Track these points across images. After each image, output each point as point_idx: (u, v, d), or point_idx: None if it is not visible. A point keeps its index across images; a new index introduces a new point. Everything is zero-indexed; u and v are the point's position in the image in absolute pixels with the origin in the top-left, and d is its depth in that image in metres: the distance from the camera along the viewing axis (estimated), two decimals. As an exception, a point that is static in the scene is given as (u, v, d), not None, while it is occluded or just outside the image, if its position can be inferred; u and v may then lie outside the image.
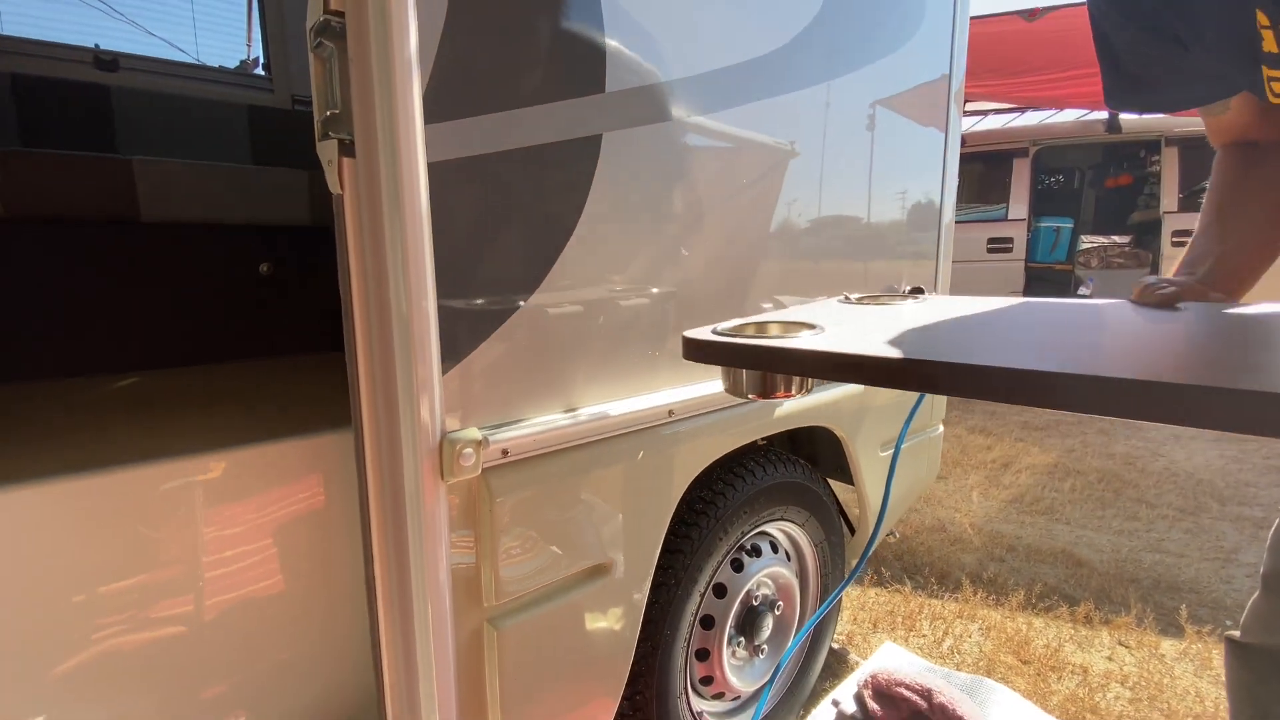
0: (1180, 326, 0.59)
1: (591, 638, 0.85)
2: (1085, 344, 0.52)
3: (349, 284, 0.65)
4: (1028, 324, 0.63)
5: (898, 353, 0.49)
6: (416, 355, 0.64)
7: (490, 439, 0.70)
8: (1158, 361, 0.47)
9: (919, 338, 0.58)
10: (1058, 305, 0.71)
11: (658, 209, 0.87)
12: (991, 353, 0.48)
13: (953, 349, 0.52)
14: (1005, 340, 0.56)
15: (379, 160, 0.61)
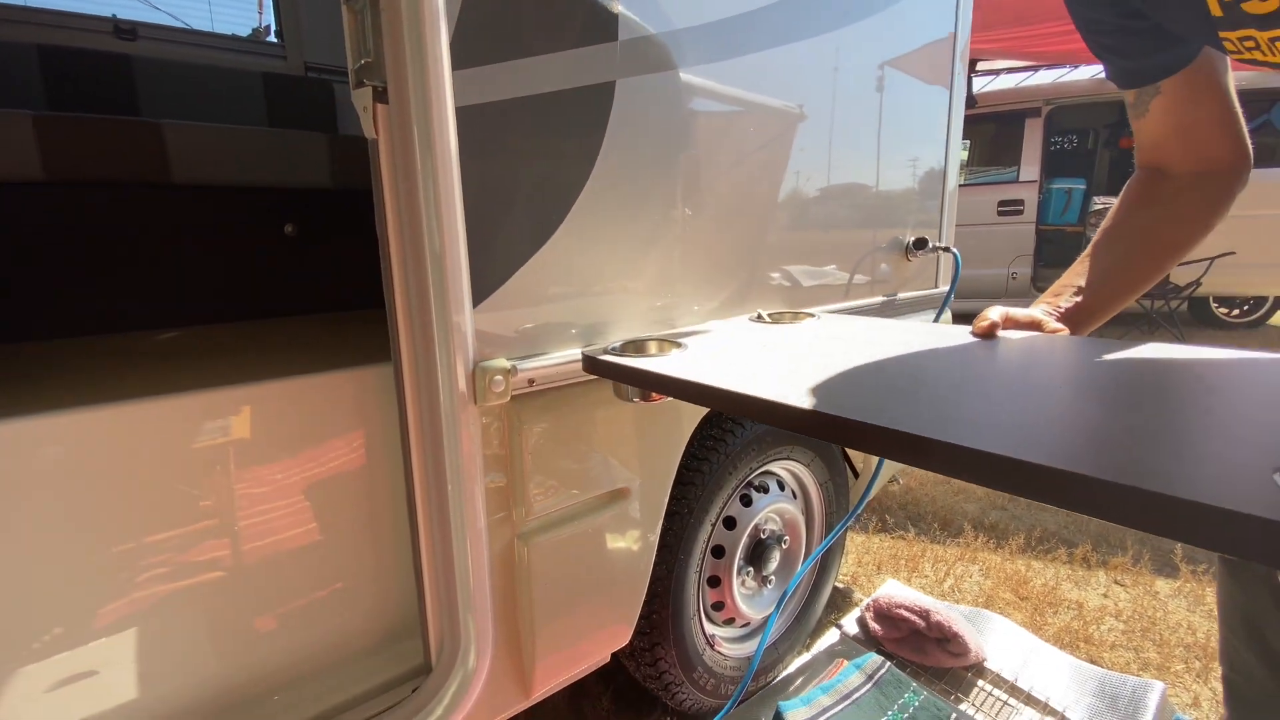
0: (962, 362, 0.63)
1: (612, 557, 0.92)
2: (883, 380, 0.57)
3: (385, 224, 0.70)
4: (855, 354, 0.67)
5: (706, 379, 0.60)
6: (449, 290, 0.69)
7: (518, 368, 0.75)
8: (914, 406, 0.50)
9: (749, 367, 0.64)
10: (904, 335, 0.74)
11: (669, 152, 0.91)
12: (796, 387, 0.55)
13: (762, 380, 0.58)
14: (821, 373, 0.60)
15: (410, 105, 0.66)
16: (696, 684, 1.11)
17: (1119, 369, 0.57)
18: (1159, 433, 0.41)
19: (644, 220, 0.89)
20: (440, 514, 0.76)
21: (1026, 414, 0.46)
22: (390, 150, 0.69)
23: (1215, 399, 0.48)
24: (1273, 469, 0.33)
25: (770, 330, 0.84)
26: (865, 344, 0.73)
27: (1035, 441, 0.40)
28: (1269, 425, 0.42)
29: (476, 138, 0.71)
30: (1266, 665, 0.84)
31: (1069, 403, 0.48)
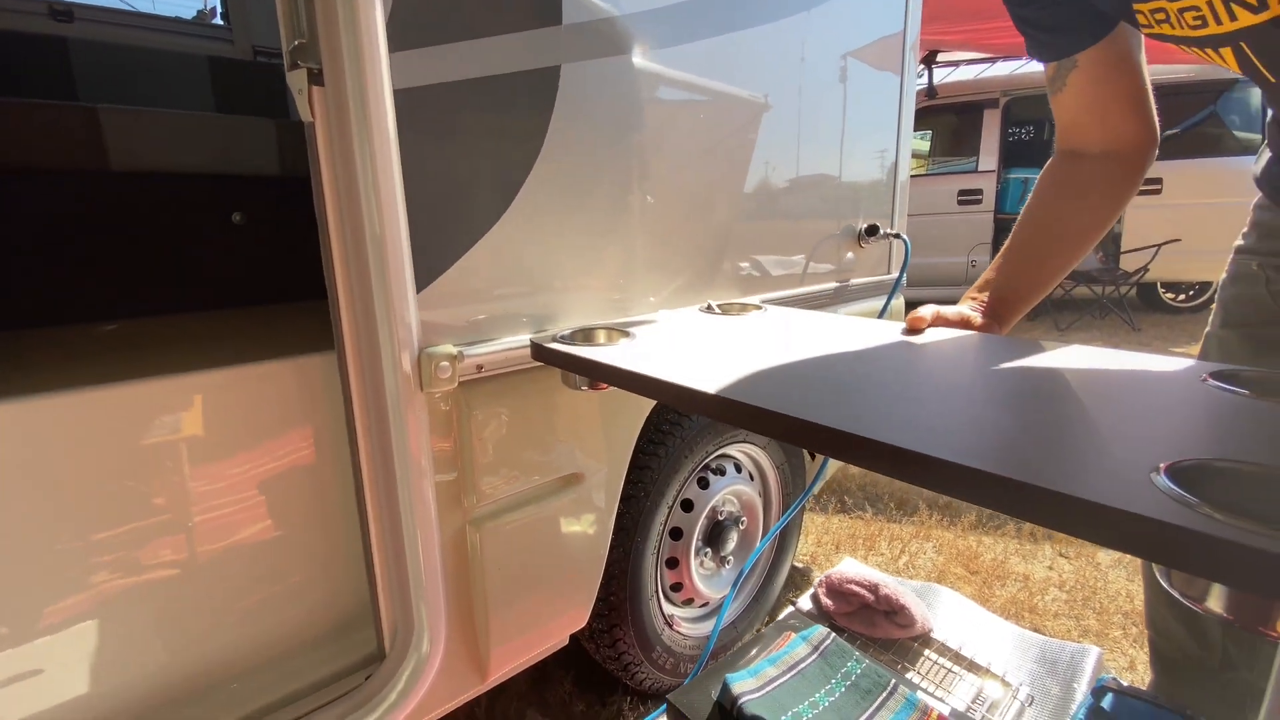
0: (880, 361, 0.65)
1: (566, 541, 0.93)
2: (808, 375, 0.59)
3: (324, 209, 0.69)
4: (790, 350, 0.68)
5: (647, 371, 0.60)
6: (391, 275, 0.69)
7: (465, 354, 0.75)
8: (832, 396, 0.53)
9: (690, 359, 0.66)
10: (839, 331, 0.77)
11: (619, 138, 0.91)
12: (728, 380, 0.56)
13: (698, 373, 0.59)
14: (753, 368, 0.61)
15: (347, 87, 0.65)
16: (655, 664, 1.14)
17: (1030, 371, 0.60)
18: (1056, 433, 0.43)
19: (594, 206, 0.90)
20: (389, 502, 0.76)
21: (939, 410, 0.49)
22: (328, 134, 0.68)
23: (1109, 401, 0.51)
24: (1150, 469, 0.35)
25: (718, 321, 0.86)
26: (802, 339, 0.75)
27: (944, 438, 0.42)
28: (1153, 428, 0.45)
29: (416, 121, 0.70)
30: (1186, 627, 0.90)
31: (981, 402, 0.51)
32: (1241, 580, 0.29)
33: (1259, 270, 0.76)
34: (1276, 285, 0.74)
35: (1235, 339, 0.79)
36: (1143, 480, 0.35)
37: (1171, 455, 0.37)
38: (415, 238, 0.71)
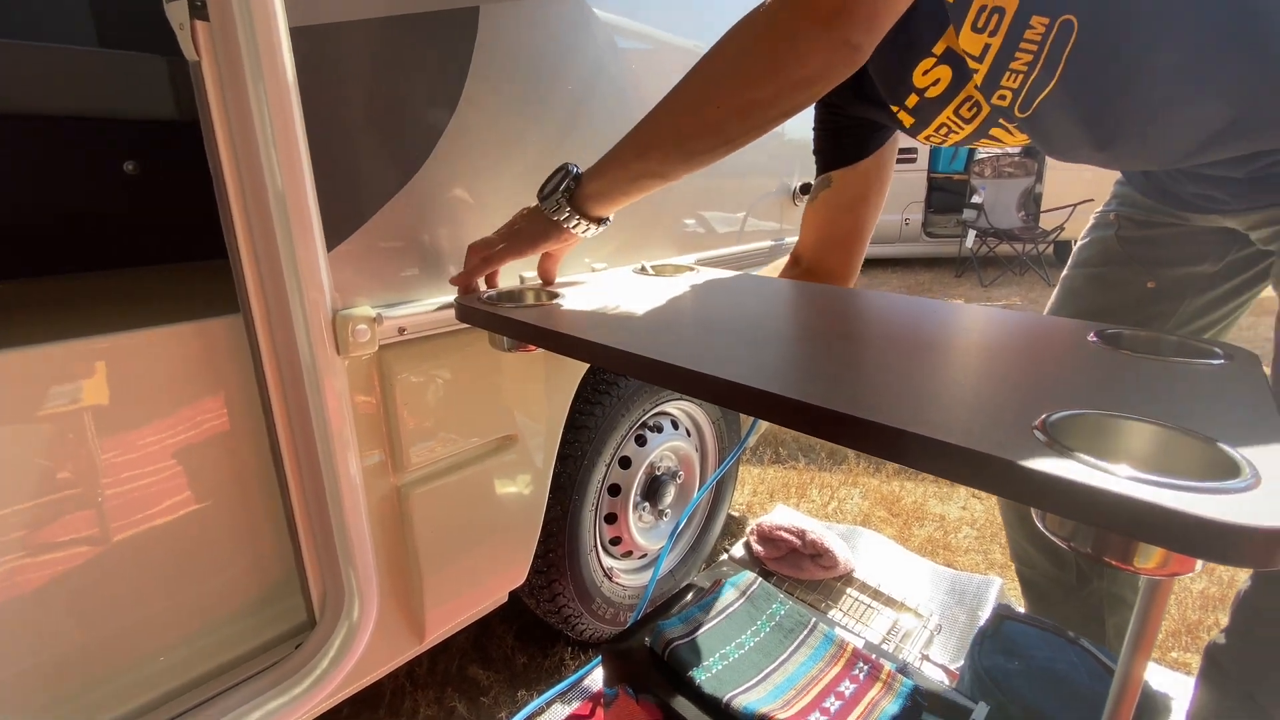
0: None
1: (502, 502, 0.93)
2: (722, 332, 0.58)
3: (218, 160, 0.63)
4: (711, 310, 0.68)
5: (566, 329, 0.60)
6: (298, 232, 0.65)
7: (385, 316, 0.72)
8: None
9: (612, 320, 0.65)
10: (759, 291, 0.79)
11: (546, 83, 0.87)
12: (646, 338, 0.57)
13: (620, 333, 0.59)
14: (671, 326, 0.62)
15: (235, 23, 0.59)
16: (595, 614, 1.17)
17: (936, 327, 0.63)
18: (955, 388, 0.46)
19: (521, 156, 0.86)
20: (311, 471, 0.73)
21: (837, 364, 0.50)
22: (216, 75, 0.61)
23: (1006, 359, 0.54)
24: (1032, 421, 0.38)
25: (649, 283, 0.85)
26: (727, 299, 0.76)
27: (844, 391, 0.44)
28: (1039, 382, 0.48)
29: (319, 62, 0.64)
30: (1043, 552, 0.99)
31: (889, 358, 0.53)
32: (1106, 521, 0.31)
33: (1114, 219, 0.83)
34: (1125, 232, 0.82)
35: (1080, 276, 0.87)
36: (1025, 430, 0.37)
37: (1054, 408, 0.40)
38: (324, 191, 0.66)
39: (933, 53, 0.65)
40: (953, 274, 5.41)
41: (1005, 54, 0.59)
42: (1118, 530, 0.31)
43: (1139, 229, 0.81)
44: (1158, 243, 0.80)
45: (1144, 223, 0.80)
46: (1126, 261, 0.83)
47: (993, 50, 0.59)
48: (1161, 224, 0.79)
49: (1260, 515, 0.28)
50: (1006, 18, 0.57)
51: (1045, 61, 0.58)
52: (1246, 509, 0.29)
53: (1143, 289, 0.82)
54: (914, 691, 0.70)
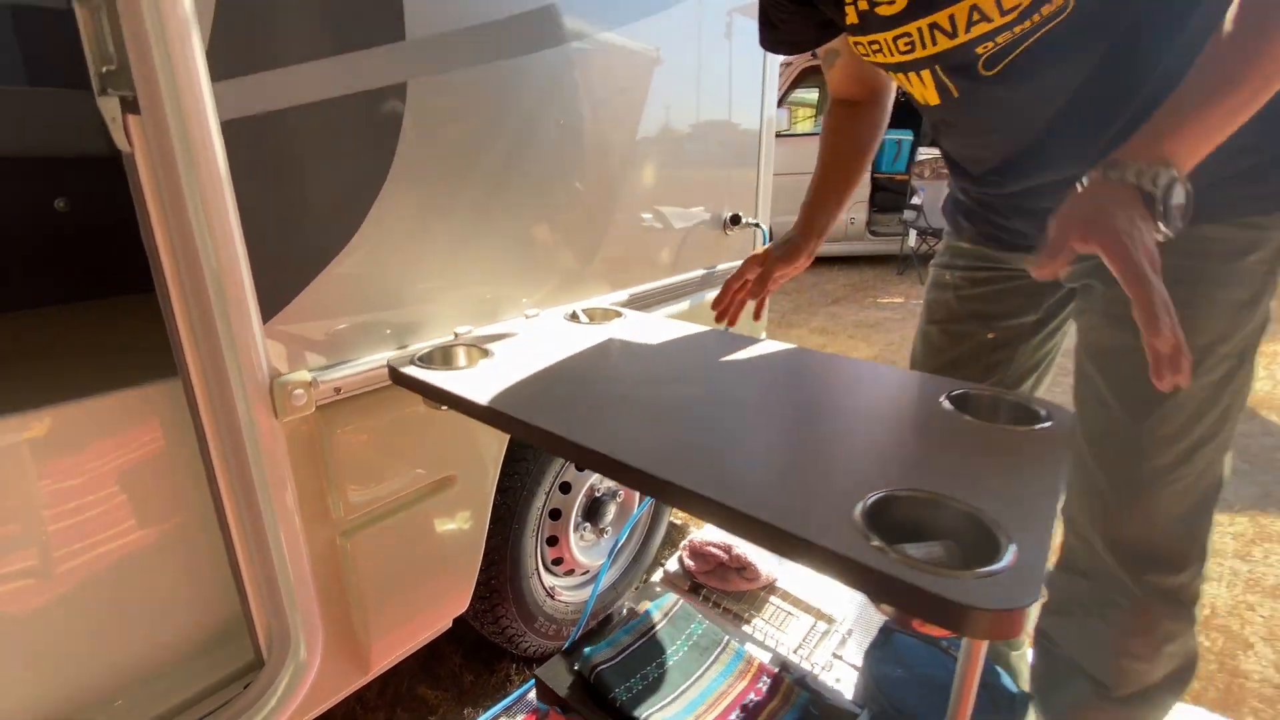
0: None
1: (442, 539, 0.99)
2: (633, 401, 0.66)
3: (154, 243, 0.67)
4: (627, 374, 0.76)
5: (481, 398, 0.67)
6: (233, 307, 0.69)
7: (321, 379, 0.77)
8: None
9: (538, 386, 0.72)
10: (685, 343, 0.87)
11: (474, 147, 0.92)
12: (564, 412, 0.64)
13: (526, 403, 0.67)
14: (588, 396, 0.68)
15: (167, 118, 0.63)
16: (539, 632, 1.24)
17: (804, 388, 0.72)
18: (800, 457, 0.54)
19: (453, 217, 0.91)
20: (254, 524, 0.78)
21: (705, 430, 0.59)
22: (150, 166, 0.65)
23: (858, 424, 0.63)
24: (855, 503, 0.46)
25: (579, 334, 0.91)
26: (642, 358, 0.83)
27: (700, 463, 0.52)
28: (883, 453, 0.56)
29: (249, 150, 0.68)
30: None
31: (752, 418, 0.61)
32: (886, 598, 0.40)
33: (950, 280, 0.94)
34: (963, 292, 0.94)
35: (935, 332, 0.98)
36: (845, 511, 0.46)
37: (886, 484, 0.49)
38: (258, 267, 0.70)
39: None
40: (895, 271, 5.63)
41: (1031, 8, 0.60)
42: (894, 604, 0.40)
43: (973, 288, 0.92)
44: (990, 299, 0.91)
45: (976, 281, 0.92)
46: (968, 318, 0.94)
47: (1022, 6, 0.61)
48: (990, 281, 0.90)
49: (993, 598, 0.37)
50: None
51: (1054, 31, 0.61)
52: (982, 592, 0.38)
53: (985, 340, 0.94)
54: (808, 703, 0.80)
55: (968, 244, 0.92)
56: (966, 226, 0.91)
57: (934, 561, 0.42)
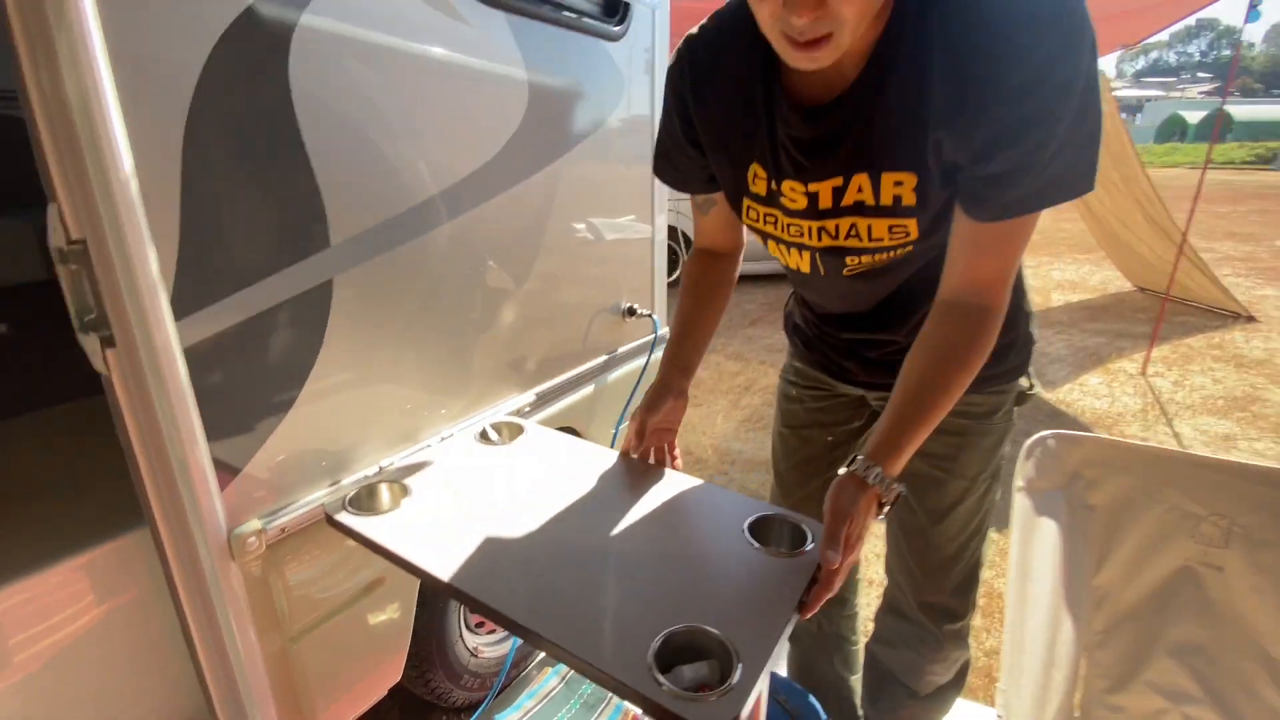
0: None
1: (376, 628, 1.19)
2: (515, 550, 0.91)
3: (130, 445, 0.84)
4: (518, 516, 1.00)
5: (412, 558, 0.85)
6: (197, 484, 0.87)
7: (268, 526, 0.96)
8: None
9: (448, 534, 0.90)
10: (578, 474, 1.04)
11: (391, 310, 1.12)
12: (463, 563, 0.87)
13: (448, 557, 0.89)
14: (485, 546, 0.91)
15: (139, 351, 0.81)
16: (465, 687, 1.45)
17: (631, 528, 0.96)
18: (612, 597, 0.79)
19: (374, 370, 1.11)
20: (216, 644, 0.96)
21: (564, 576, 0.82)
22: (125, 387, 0.83)
23: (665, 560, 0.88)
24: (654, 634, 0.71)
25: (488, 457, 1.12)
26: (533, 497, 1.06)
27: (545, 597, 0.75)
28: (681, 587, 0.81)
29: (206, 361, 0.87)
30: None
31: (593, 556, 0.85)
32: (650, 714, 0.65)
33: (796, 395, 1.22)
34: (806, 404, 1.21)
35: (789, 434, 1.26)
36: (643, 653, 0.70)
37: (677, 619, 0.74)
38: (215, 448, 0.89)
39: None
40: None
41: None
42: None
43: (814, 401, 1.21)
44: (826, 411, 1.20)
45: (816, 397, 1.20)
46: (812, 425, 1.22)
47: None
48: (825, 397, 1.19)
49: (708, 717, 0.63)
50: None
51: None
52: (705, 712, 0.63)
53: (826, 441, 1.22)
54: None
55: (808, 367, 1.19)
56: (806, 354, 1.17)
57: (699, 679, 0.68)
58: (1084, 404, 3.40)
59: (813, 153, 0.80)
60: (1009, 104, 0.65)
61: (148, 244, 0.78)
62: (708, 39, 0.87)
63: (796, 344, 1.21)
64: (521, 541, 0.89)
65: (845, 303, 1.02)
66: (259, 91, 0.87)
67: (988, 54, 0.65)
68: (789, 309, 1.23)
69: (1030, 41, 0.63)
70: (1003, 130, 0.66)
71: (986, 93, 0.65)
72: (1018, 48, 0.63)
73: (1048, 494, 1.19)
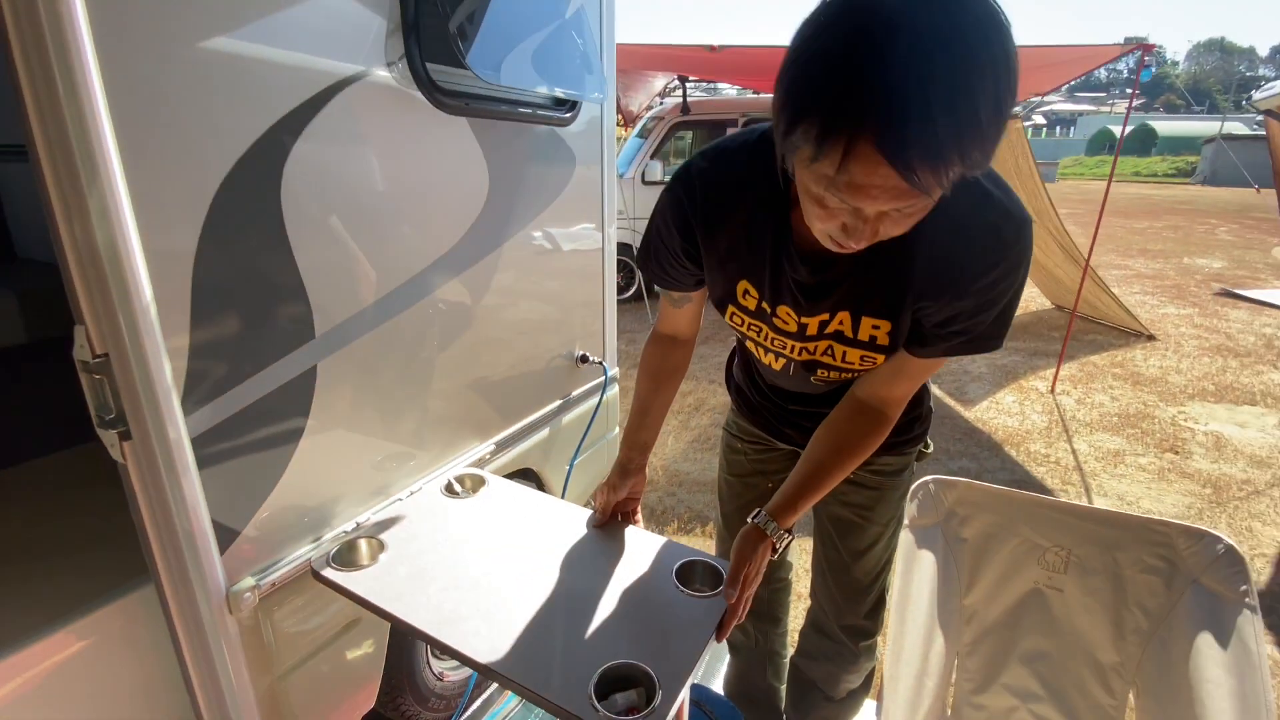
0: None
1: (352, 662, 1.34)
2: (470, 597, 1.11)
3: (142, 524, 0.98)
4: (476, 569, 1.20)
5: (390, 609, 1.03)
6: (200, 551, 1.01)
7: (261, 582, 1.11)
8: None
9: (419, 585, 1.11)
10: (535, 528, 1.28)
11: (366, 383, 1.28)
12: (432, 614, 1.05)
13: (421, 607, 1.08)
14: (447, 597, 1.12)
15: (153, 444, 0.95)
16: (432, 709, 1.61)
17: (583, 572, 1.15)
18: (559, 635, 0.97)
19: (352, 436, 1.26)
20: (213, 686, 1.10)
21: (521, 617, 1.00)
22: (138, 471, 0.96)
23: (609, 605, 1.07)
24: (589, 679, 0.89)
25: (452, 510, 1.29)
26: (493, 553, 1.23)
27: (497, 635, 0.93)
28: (618, 627, 1.00)
29: (210, 446, 1.01)
30: (738, 628, 1.63)
31: (543, 594, 1.04)
32: (592, 738, 0.84)
33: (740, 448, 1.43)
34: (749, 456, 1.42)
35: (735, 481, 1.47)
36: (584, 683, 0.89)
37: (612, 656, 0.93)
38: (216, 520, 1.03)
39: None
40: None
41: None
42: (595, 742, 0.84)
43: (756, 454, 1.41)
44: (767, 461, 1.41)
45: (758, 450, 1.40)
46: (754, 474, 1.43)
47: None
48: (765, 450, 1.40)
49: (633, 736, 0.82)
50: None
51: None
52: (629, 734, 0.82)
53: (767, 488, 1.43)
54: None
55: (750, 425, 1.38)
56: (750, 415, 1.36)
57: (630, 704, 0.87)
58: (997, 421, 3.75)
59: (811, 294, 0.95)
60: (973, 297, 0.86)
61: (164, 356, 0.92)
62: (712, 179, 0.95)
63: (739, 405, 1.41)
64: (482, 588, 1.07)
65: (800, 389, 1.21)
66: (256, 219, 1.02)
67: (963, 261, 0.84)
68: (732, 370, 1.41)
69: (1013, 258, 0.83)
70: (964, 311, 0.88)
71: (960, 288, 0.85)
72: (1004, 263, 0.83)
73: (927, 529, 1.43)
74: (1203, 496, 2.97)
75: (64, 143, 0.79)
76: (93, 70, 0.77)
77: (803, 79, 0.63)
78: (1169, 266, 8.67)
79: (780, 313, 1.01)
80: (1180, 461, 3.30)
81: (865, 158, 0.61)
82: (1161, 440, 3.53)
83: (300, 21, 1.03)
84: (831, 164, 0.63)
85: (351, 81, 1.11)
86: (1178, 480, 3.12)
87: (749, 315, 1.04)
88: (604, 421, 2.19)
